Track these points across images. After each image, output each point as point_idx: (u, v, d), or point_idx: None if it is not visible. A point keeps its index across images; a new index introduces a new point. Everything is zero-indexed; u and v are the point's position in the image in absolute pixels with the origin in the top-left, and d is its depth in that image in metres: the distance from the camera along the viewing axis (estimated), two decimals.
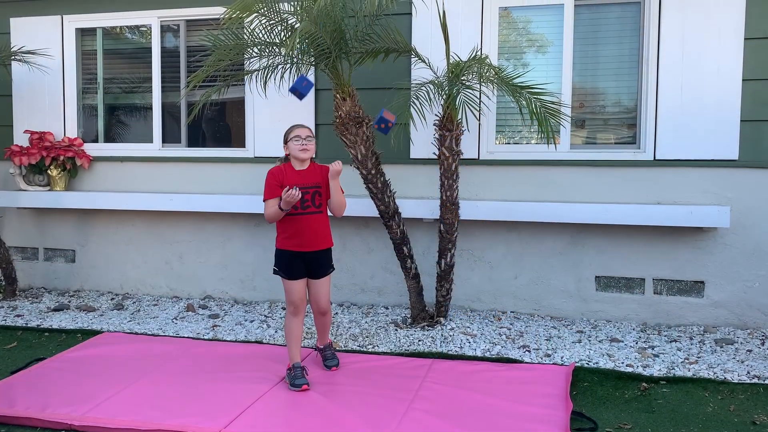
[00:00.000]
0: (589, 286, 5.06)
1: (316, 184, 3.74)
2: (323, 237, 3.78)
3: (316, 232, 3.74)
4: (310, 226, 3.72)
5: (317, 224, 3.74)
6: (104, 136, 6.08)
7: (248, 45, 4.54)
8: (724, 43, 4.68)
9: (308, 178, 3.74)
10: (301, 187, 3.64)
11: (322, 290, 3.81)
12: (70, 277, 6.11)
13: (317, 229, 3.74)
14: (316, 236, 3.74)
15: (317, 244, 3.75)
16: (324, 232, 3.78)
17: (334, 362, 3.98)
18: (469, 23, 5.07)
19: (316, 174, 3.77)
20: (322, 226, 3.77)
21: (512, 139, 5.26)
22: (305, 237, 3.72)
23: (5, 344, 4.55)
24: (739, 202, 4.77)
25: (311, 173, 3.76)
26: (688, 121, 4.77)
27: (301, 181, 3.70)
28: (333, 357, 4.02)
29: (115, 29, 5.99)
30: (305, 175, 3.74)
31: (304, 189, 3.68)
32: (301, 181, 3.70)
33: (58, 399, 3.50)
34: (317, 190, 3.74)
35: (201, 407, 3.40)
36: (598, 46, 5.04)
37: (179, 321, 5.09)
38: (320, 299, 3.82)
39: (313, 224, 3.73)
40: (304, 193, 3.67)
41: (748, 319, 4.81)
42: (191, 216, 5.77)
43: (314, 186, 3.73)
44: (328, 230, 3.81)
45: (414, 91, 4.31)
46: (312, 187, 3.72)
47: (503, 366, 4.00)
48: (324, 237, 3.78)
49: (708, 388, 3.68)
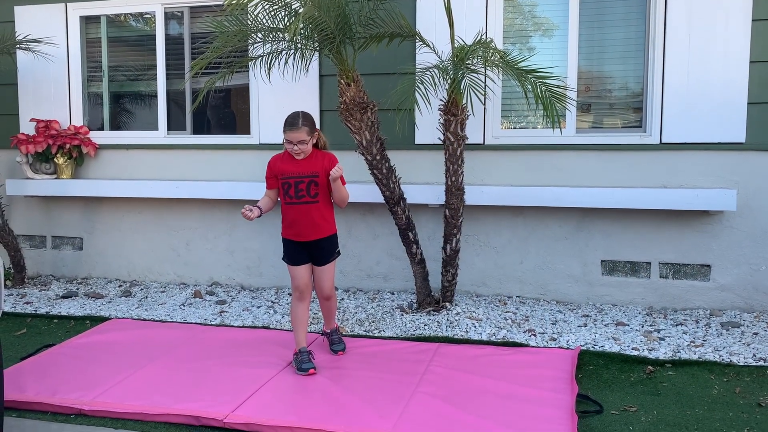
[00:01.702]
0: (595, 271, 5.06)
1: (313, 173, 3.67)
2: (320, 226, 3.71)
3: (312, 221, 3.69)
4: (305, 215, 3.68)
5: (313, 214, 3.68)
6: (110, 124, 6.09)
7: (252, 31, 4.53)
8: (732, 25, 4.63)
9: (304, 166, 3.68)
10: (295, 177, 3.66)
11: (324, 276, 3.80)
12: (78, 265, 6.15)
13: (313, 218, 3.69)
14: (311, 226, 3.70)
15: (314, 234, 3.71)
16: (321, 221, 3.71)
17: (340, 347, 4.00)
18: (474, 7, 5.04)
19: (316, 162, 3.69)
20: (318, 216, 3.70)
21: (518, 124, 5.24)
22: (301, 227, 3.71)
23: (15, 331, 4.59)
24: (745, 185, 4.75)
25: (309, 162, 3.69)
26: (694, 104, 4.74)
27: (296, 170, 3.68)
28: (339, 341, 4.03)
29: (119, 17, 5.98)
30: (301, 164, 3.68)
31: (299, 178, 3.66)
32: (296, 169, 3.68)
33: (67, 384, 3.53)
34: (313, 179, 3.66)
35: (209, 392, 3.43)
36: (603, 29, 5.00)
37: (187, 307, 5.12)
38: (323, 285, 3.83)
39: (308, 214, 3.68)
40: (298, 182, 3.66)
41: (755, 302, 4.80)
42: (197, 203, 5.79)
43: (310, 175, 3.66)
44: (326, 219, 3.74)
45: (419, 76, 4.29)
46: (308, 176, 3.66)
47: (509, 350, 4.01)
48: (321, 226, 3.72)
49: (714, 371, 3.69)
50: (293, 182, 3.68)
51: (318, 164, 3.69)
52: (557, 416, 3.11)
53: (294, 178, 3.68)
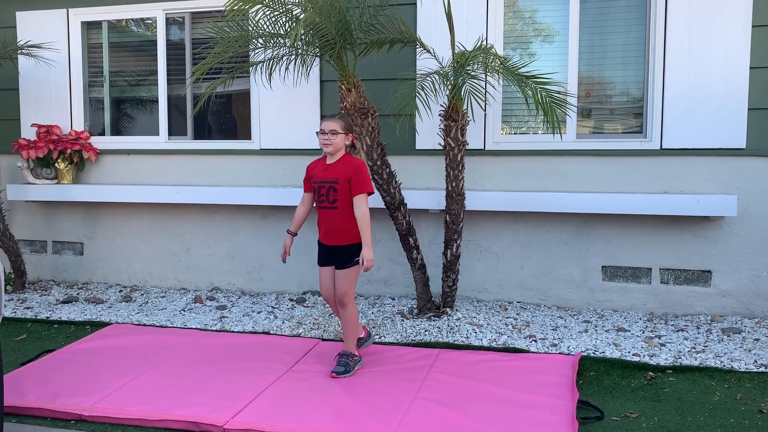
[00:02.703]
0: (596, 276, 5.05)
1: (333, 179, 3.65)
2: (337, 233, 3.68)
3: (330, 226, 3.70)
4: (326, 220, 3.73)
5: (331, 219, 3.69)
6: (111, 129, 6.10)
7: (253, 36, 4.54)
8: (732, 31, 4.64)
9: (329, 172, 3.68)
10: (319, 181, 3.69)
11: (337, 280, 3.74)
12: (79, 270, 6.15)
13: (331, 223, 3.70)
14: (329, 231, 3.71)
15: (331, 239, 3.72)
16: (339, 228, 3.67)
17: (336, 368, 3.72)
18: (475, 13, 5.05)
19: (339, 169, 3.67)
20: (336, 223, 3.67)
21: (518, 129, 5.24)
22: (322, 230, 3.77)
23: (15, 336, 4.59)
24: (746, 190, 4.75)
25: (334, 167, 3.68)
26: (695, 109, 4.74)
27: (321, 175, 3.71)
28: (339, 365, 3.74)
29: (120, 22, 5.99)
30: (329, 168, 3.70)
31: (321, 183, 3.68)
32: (321, 174, 3.71)
33: (67, 390, 3.53)
34: (332, 185, 3.65)
35: (209, 397, 3.42)
36: (604, 35, 5.01)
37: (187, 312, 5.11)
38: (336, 288, 3.76)
39: (327, 219, 3.72)
40: (320, 187, 3.68)
41: (756, 308, 4.80)
42: (198, 208, 5.79)
43: (330, 181, 3.66)
44: (345, 227, 3.67)
45: (419, 82, 4.30)
46: (328, 182, 3.67)
47: (509, 356, 4.00)
48: (339, 233, 3.68)
49: (715, 377, 3.68)
50: (317, 187, 3.73)
51: (340, 171, 3.66)
52: (558, 422, 3.10)
53: (318, 183, 3.71)
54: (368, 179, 3.67)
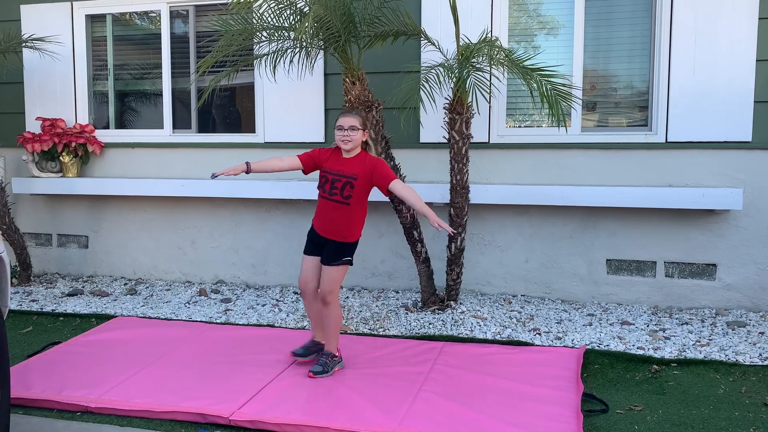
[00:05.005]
0: (600, 270, 5.05)
1: (352, 175, 3.56)
2: (338, 229, 3.61)
3: (332, 220, 3.61)
4: (329, 213, 3.61)
5: (337, 214, 3.59)
6: (115, 123, 6.11)
7: (257, 29, 4.53)
8: (738, 23, 4.62)
9: (347, 166, 3.58)
10: (334, 174, 3.59)
11: (324, 276, 3.64)
12: (84, 263, 6.17)
13: (335, 218, 3.60)
14: (331, 225, 3.62)
15: (330, 233, 3.63)
16: (342, 225, 3.60)
17: (313, 368, 3.64)
18: (479, 5, 5.03)
19: (358, 165, 3.58)
20: (343, 219, 3.59)
21: (523, 123, 5.23)
22: (322, 221, 3.66)
23: (21, 329, 4.61)
24: (752, 184, 4.73)
25: (354, 163, 3.59)
26: (700, 102, 4.72)
27: (337, 168, 3.59)
28: (318, 363, 3.66)
29: (124, 15, 5.99)
30: (346, 163, 3.59)
31: (337, 176, 3.58)
32: (338, 167, 3.59)
33: (73, 382, 3.54)
34: (350, 180, 3.56)
35: (214, 390, 3.43)
36: (609, 28, 4.99)
37: (192, 305, 5.13)
38: (321, 285, 3.68)
39: (333, 212, 3.60)
40: (335, 180, 3.57)
41: (761, 301, 4.79)
42: (202, 201, 5.80)
43: (349, 176, 3.56)
44: (349, 226, 3.60)
45: (424, 74, 4.29)
46: (346, 177, 3.56)
47: (514, 349, 4.01)
48: (340, 230, 3.61)
49: (719, 371, 3.68)
50: (331, 178, 3.60)
51: (359, 167, 3.58)
52: (562, 415, 3.10)
53: (333, 175, 3.59)
54: (390, 170, 3.60)
